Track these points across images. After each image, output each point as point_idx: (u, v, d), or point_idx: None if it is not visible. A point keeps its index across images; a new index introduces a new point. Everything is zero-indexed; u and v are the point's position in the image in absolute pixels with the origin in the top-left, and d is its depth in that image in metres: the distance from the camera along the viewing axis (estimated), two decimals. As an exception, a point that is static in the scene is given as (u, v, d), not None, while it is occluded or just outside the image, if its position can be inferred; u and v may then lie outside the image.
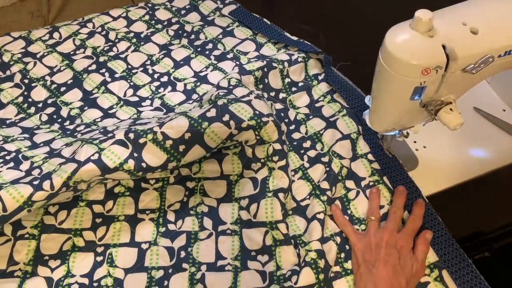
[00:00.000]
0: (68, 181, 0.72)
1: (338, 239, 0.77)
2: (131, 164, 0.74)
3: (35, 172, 0.76)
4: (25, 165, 0.79)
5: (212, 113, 0.77)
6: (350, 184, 0.83)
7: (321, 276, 0.71)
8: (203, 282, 0.73)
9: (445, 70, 0.62)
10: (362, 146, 0.87)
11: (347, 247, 0.77)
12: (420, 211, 0.78)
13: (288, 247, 0.76)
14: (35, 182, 0.72)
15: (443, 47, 0.61)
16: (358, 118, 0.89)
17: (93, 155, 0.73)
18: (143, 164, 0.74)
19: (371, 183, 0.83)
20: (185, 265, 0.75)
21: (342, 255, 0.76)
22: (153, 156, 0.75)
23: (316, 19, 1.02)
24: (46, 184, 0.71)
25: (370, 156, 0.86)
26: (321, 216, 0.77)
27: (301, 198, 0.82)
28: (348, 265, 0.76)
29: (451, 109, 0.68)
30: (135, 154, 0.74)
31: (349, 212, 0.81)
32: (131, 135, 0.75)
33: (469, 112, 0.94)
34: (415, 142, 0.90)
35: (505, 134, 0.91)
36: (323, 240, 0.75)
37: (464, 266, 0.73)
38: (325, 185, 0.81)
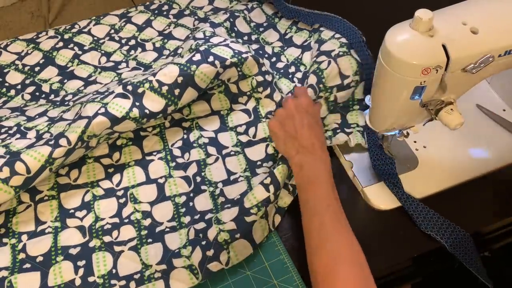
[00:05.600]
0: (82, 135, 0.78)
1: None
2: (136, 112, 0.81)
3: (46, 136, 0.82)
4: (31, 134, 0.84)
5: (198, 57, 0.86)
6: (321, 58, 0.91)
7: None
8: (223, 194, 0.83)
9: (445, 70, 0.63)
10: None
11: None
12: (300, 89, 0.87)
13: None
14: (51, 142, 0.78)
15: (443, 47, 0.62)
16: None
17: (99, 109, 0.80)
18: (146, 111, 0.82)
19: (340, 53, 0.90)
20: (203, 187, 0.84)
21: None
22: (153, 102, 0.83)
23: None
24: (62, 141, 0.78)
25: (343, 40, 0.92)
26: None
27: None
28: None
29: (451, 109, 0.68)
30: (137, 103, 0.82)
31: (323, 81, 0.88)
32: (129, 87, 0.83)
33: (471, 110, 0.94)
34: (415, 142, 0.89)
35: (507, 133, 0.90)
36: None
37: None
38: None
